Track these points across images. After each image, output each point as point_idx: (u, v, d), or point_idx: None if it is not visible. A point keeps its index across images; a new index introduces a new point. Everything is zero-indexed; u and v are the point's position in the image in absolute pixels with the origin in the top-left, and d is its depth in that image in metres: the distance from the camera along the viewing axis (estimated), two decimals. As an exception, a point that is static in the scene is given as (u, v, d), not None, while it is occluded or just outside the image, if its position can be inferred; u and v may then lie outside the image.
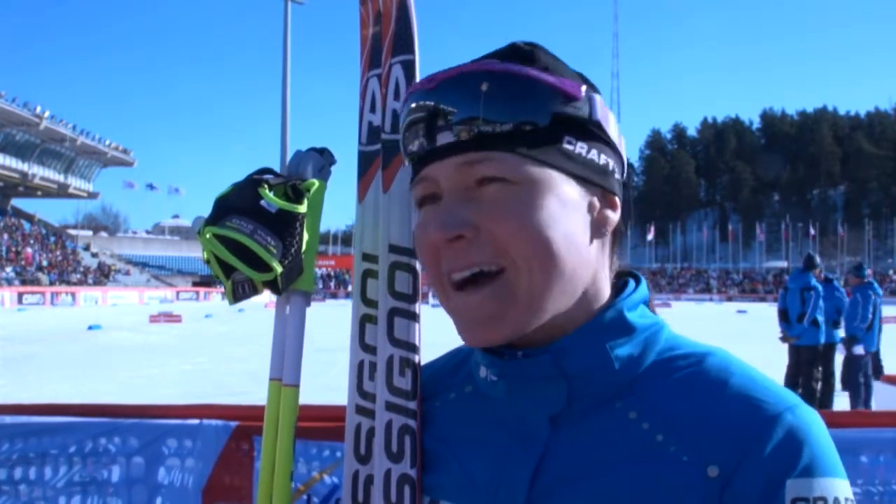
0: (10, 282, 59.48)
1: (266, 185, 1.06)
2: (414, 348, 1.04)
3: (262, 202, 1.04)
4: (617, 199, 0.93)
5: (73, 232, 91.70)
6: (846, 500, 0.81)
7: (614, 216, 0.93)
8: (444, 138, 0.86)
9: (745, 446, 0.81)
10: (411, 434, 1.00)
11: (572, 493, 0.85)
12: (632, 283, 0.98)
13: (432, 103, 0.87)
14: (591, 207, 0.90)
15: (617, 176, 0.93)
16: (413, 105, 0.89)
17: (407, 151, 0.91)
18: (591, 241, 0.91)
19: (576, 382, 0.89)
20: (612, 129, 0.92)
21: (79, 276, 70.47)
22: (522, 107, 0.85)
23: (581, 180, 0.89)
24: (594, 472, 0.86)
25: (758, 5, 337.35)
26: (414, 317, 1.05)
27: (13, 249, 68.66)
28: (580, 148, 0.88)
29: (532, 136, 0.85)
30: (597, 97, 0.90)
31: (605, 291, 0.95)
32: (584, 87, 0.89)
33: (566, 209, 0.87)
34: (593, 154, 0.89)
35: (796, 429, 0.82)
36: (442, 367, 1.08)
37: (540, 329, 0.89)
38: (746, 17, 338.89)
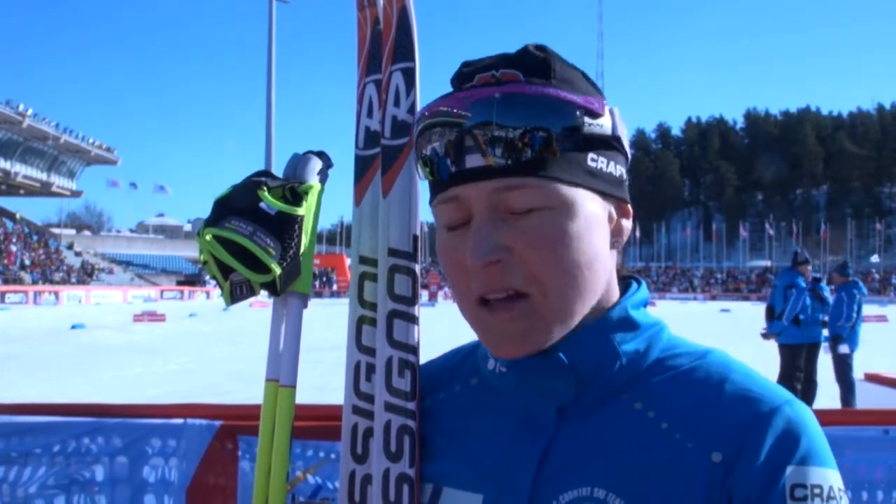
0: (-9, 281, 58.97)
1: (265, 188, 1.07)
2: (413, 350, 1.05)
3: (262, 204, 1.05)
4: (629, 207, 0.96)
5: (56, 231, 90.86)
6: (839, 490, 0.86)
7: (628, 224, 0.97)
8: (473, 161, 0.86)
9: (747, 435, 0.85)
10: (410, 434, 1.02)
11: (579, 475, 0.88)
12: (634, 284, 1.02)
13: (462, 124, 0.86)
14: (609, 218, 0.93)
15: (626, 183, 0.96)
16: (438, 125, 0.88)
17: (424, 170, 0.92)
18: (610, 251, 0.94)
19: (584, 376, 0.92)
20: (626, 140, 0.94)
21: (62, 275, 69.88)
22: (554, 127, 0.85)
23: (602, 194, 0.91)
24: (601, 457, 0.89)
25: (742, 6, 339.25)
26: (413, 319, 1.06)
27: (-5, 248, 68.03)
28: (601, 163, 0.90)
29: (561, 158, 0.86)
30: (616, 110, 0.92)
31: (615, 292, 0.98)
32: (605, 103, 0.90)
33: (592, 227, 0.89)
34: (611, 167, 0.92)
35: (794, 421, 0.86)
36: (445, 363, 1.10)
37: None
38: (731, 18, 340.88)
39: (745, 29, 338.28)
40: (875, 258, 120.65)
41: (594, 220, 0.90)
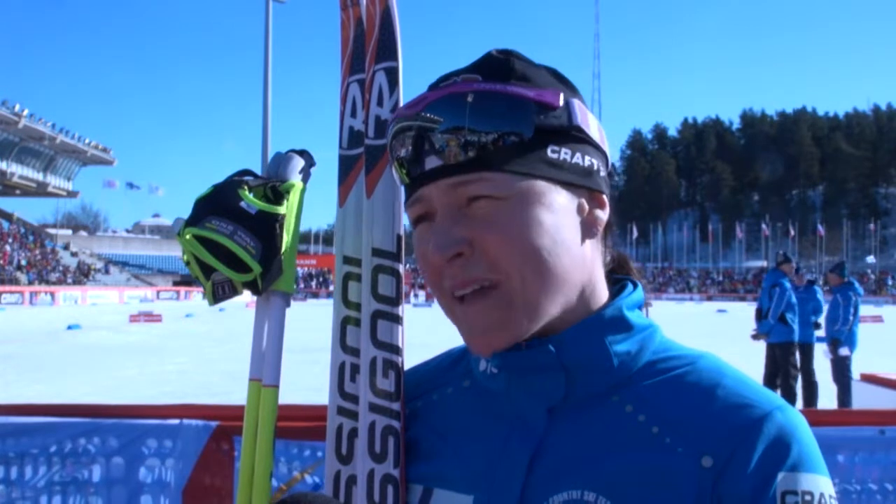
0: (-13, 281, 58.88)
1: (246, 187, 1.07)
2: (397, 350, 1.05)
3: (242, 203, 1.05)
4: (605, 196, 0.96)
5: (52, 231, 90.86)
6: (830, 496, 0.85)
7: (603, 214, 0.95)
8: (431, 161, 0.88)
9: (738, 440, 0.85)
10: (395, 435, 1.01)
11: (569, 479, 0.88)
12: (630, 286, 1.01)
13: (418, 127, 0.89)
14: (580, 209, 0.93)
15: (602, 173, 0.95)
16: (400, 129, 0.91)
17: (398, 173, 0.93)
18: (584, 242, 0.93)
19: (574, 375, 0.92)
20: (593, 129, 0.93)
21: (58, 275, 69.86)
22: (506, 123, 0.87)
23: (568, 185, 0.91)
24: (591, 460, 0.88)
25: (739, 7, 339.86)
26: (397, 319, 1.06)
27: (-9, 248, 67.95)
28: (564, 154, 0.90)
29: (516, 151, 0.87)
30: (575, 102, 0.92)
31: (603, 286, 0.98)
32: (561, 95, 0.90)
33: (555, 216, 0.89)
34: (577, 157, 0.91)
35: (786, 427, 0.86)
36: (438, 365, 1.10)
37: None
38: (728, 19, 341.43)
39: (742, 30, 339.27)
40: (871, 258, 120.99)
41: (559, 210, 0.89)
